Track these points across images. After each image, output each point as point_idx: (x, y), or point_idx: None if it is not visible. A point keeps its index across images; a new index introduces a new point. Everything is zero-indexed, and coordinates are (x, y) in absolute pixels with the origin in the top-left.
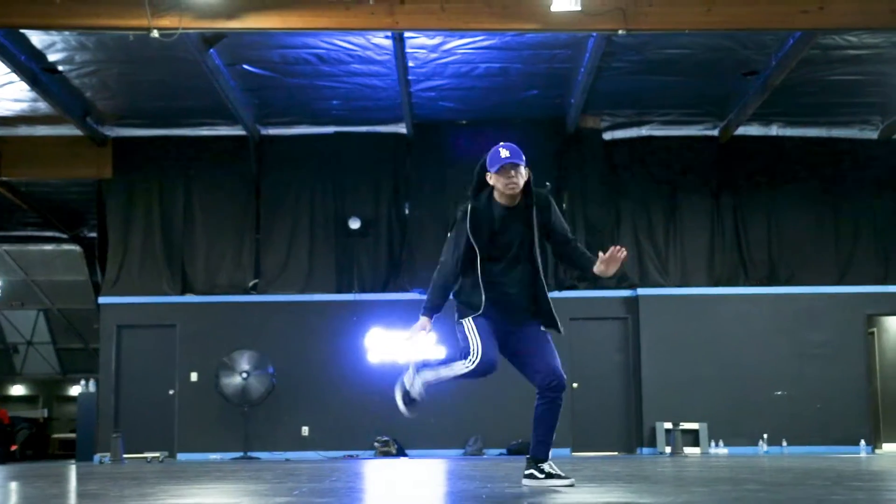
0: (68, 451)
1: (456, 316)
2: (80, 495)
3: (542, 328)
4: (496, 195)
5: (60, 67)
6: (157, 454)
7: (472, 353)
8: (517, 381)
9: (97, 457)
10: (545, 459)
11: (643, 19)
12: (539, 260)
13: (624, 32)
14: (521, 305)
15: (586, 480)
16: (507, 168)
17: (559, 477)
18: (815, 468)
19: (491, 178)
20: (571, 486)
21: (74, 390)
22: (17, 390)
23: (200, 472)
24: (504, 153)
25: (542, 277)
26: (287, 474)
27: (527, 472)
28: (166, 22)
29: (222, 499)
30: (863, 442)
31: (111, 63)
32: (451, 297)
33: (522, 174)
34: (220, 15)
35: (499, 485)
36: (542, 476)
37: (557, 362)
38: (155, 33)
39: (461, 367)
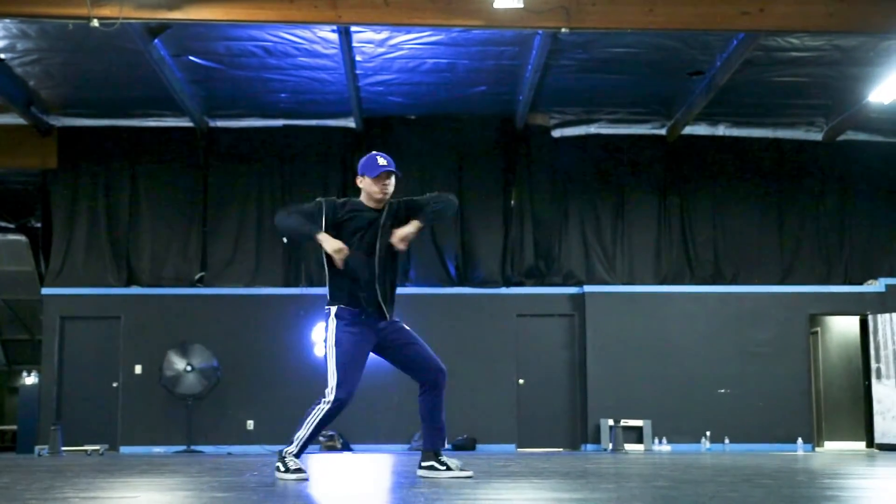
0: (10, 443)
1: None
2: None
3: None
4: (363, 197)
5: (2, 55)
6: (96, 447)
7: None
8: (461, 377)
9: (38, 449)
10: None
11: (586, 18)
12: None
13: (567, 30)
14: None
15: (530, 476)
16: (383, 175)
17: (455, 468)
18: (739, 465)
19: (362, 182)
20: (470, 477)
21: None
22: None
23: (127, 466)
24: (381, 161)
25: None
26: (215, 468)
27: (425, 464)
28: (107, 11)
29: (123, 492)
30: (800, 440)
31: (54, 52)
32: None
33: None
34: (161, 5)
35: (440, 480)
36: (443, 468)
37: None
38: (95, 23)
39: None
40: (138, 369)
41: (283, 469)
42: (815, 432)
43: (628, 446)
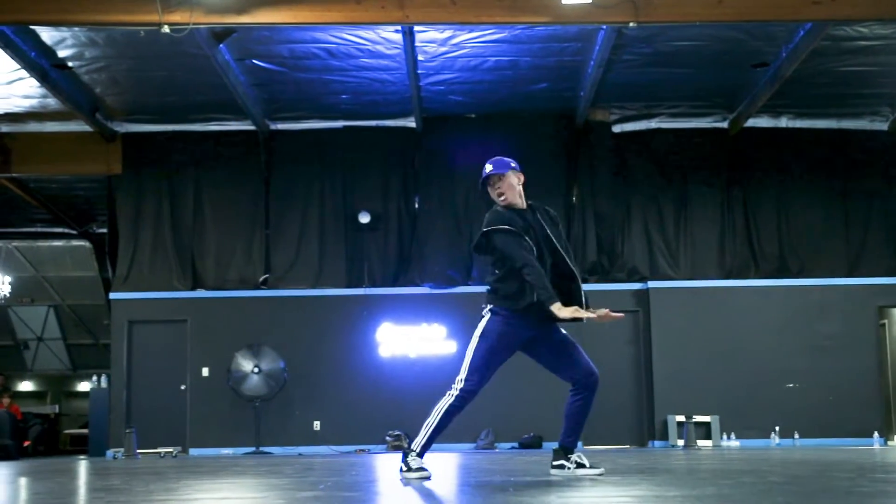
0: (78, 446)
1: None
2: (103, 490)
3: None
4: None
5: (70, 63)
6: (169, 449)
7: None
8: (528, 375)
9: (110, 452)
10: (573, 450)
11: (654, 11)
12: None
13: (635, 25)
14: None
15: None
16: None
17: (588, 466)
18: (832, 460)
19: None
20: (601, 474)
21: (83, 386)
22: (26, 386)
23: (217, 468)
24: (487, 167)
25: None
26: (305, 469)
27: (556, 462)
28: (177, 17)
29: (248, 493)
30: (876, 434)
31: (121, 59)
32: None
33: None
34: (230, 10)
35: (520, 477)
36: (573, 466)
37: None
38: (166, 29)
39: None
40: (206, 372)
41: (405, 469)
42: (886, 426)
43: (698, 442)
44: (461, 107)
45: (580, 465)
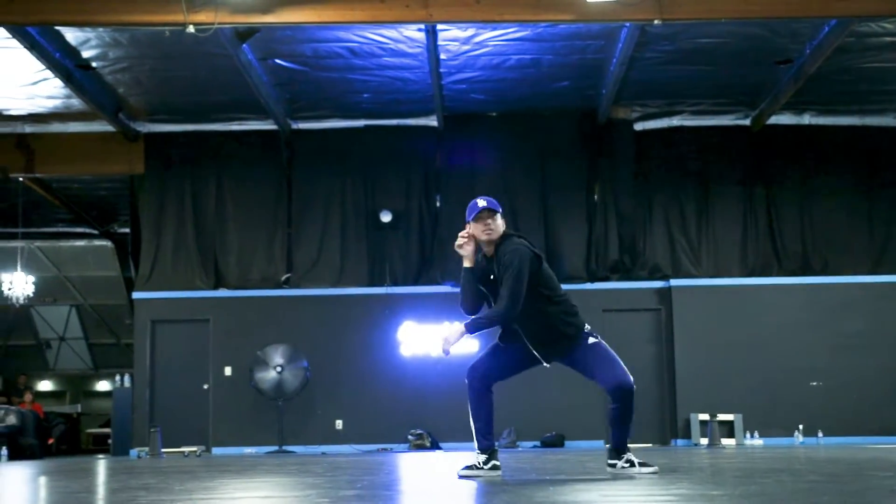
0: (100, 445)
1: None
2: (143, 489)
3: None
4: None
5: (94, 64)
6: (193, 448)
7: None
8: (550, 374)
9: (134, 451)
10: (626, 450)
11: (678, 8)
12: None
13: (659, 22)
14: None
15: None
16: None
17: (643, 465)
18: (863, 458)
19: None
20: (656, 473)
21: (103, 385)
22: (46, 385)
23: (245, 466)
24: (480, 203)
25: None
26: (333, 468)
27: (610, 461)
28: (202, 17)
29: (286, 492)
30: None
31: (144, 59)
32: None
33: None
34: (255, 10)
35: (554, 476)
36: (627, 465)
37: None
38: (191, 28)
39: None
40: (228, 371)
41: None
42: None
43: (722, 441)
44: (483, 105)
45: (631, 464)
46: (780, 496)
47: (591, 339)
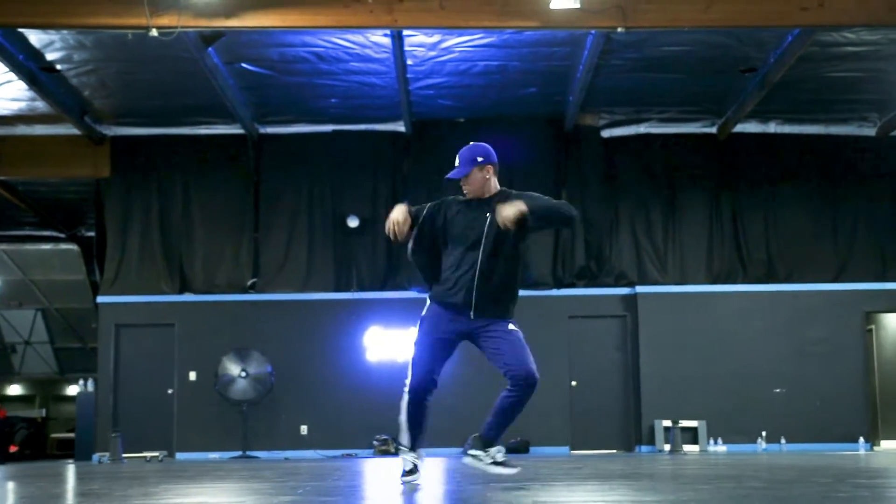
0: (66, 450)
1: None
2: (82, 494)
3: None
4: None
5: (59, 66)
6: (156, 453)
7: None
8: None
9: (96, 456)
10: (494, 445)
11: (642, 16)
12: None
13: (623, 30)
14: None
15: (588, 479)
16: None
17: (505, 465)
18: (816, 465)
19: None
20: (514, 474)
21: (72, 390)
22: (15, 390)
23: (201, 472)
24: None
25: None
26: (288, 473)
27: (472, 451)
28: (165, 21)
29: (226, 498)
30: (861, 439)
31: (109, 62)
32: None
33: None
34: (218, 14)
35: (503, 484)
36: (489, 461)
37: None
38: (154, 32)
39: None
40: (193, 376)
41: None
42: (872, 431)
43: (685, 447)
44: (450, 111)
45: (496, 463)
46: (712, 502)
47: (511, 326)
